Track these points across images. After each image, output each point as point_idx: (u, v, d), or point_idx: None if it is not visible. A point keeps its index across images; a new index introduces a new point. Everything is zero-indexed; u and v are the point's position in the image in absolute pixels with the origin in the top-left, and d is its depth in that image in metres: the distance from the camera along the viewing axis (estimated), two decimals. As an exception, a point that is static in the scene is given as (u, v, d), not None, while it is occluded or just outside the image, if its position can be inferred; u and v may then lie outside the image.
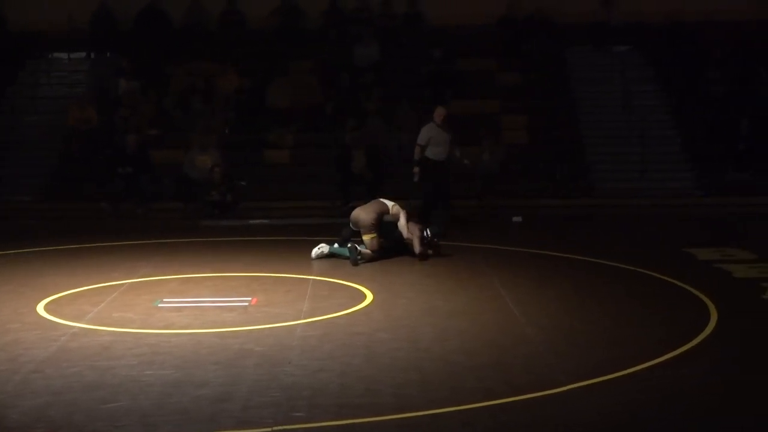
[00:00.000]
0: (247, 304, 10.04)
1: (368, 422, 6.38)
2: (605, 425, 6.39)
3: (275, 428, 6.28)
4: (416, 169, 15.29)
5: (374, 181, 18.21)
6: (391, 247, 12.85)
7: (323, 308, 9.73)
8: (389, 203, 13.02)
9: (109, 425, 6.37)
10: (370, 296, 10.32)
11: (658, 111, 21.19)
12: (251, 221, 16.91)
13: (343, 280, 11.25)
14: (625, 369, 7.48)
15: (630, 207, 18.07)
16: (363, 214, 12.79)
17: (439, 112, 15.27)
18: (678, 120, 20.59)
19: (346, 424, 6.34)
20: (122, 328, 8.96)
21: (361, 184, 18.12)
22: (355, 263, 12.29)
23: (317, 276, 11.52)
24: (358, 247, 12.52)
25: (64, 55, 22.71)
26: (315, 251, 12.78)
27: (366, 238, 12.65)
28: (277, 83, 20.94)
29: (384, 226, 12.77)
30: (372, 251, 12.59)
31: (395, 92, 21.12)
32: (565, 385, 7.09)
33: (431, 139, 15.18)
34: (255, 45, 22.23)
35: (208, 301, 10.20)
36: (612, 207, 18.32)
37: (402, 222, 12.83)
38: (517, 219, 16.57)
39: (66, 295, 10.48)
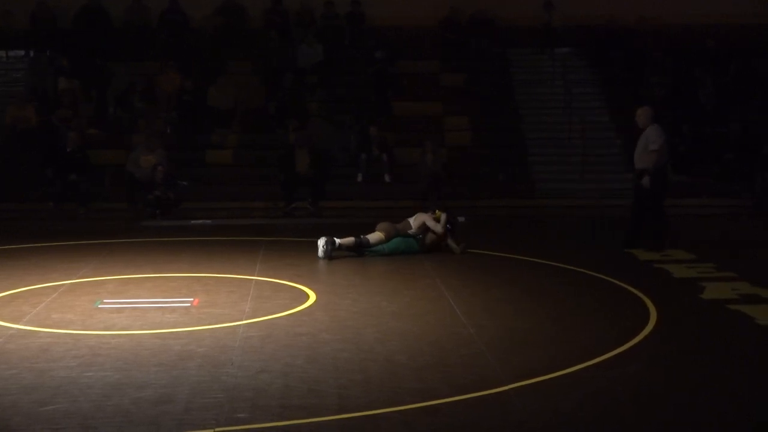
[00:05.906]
0: (188, 304, 9.97)
1: (310, 423, 6.37)
2: (545, 424, 6.44)
3: (217, 429, 6.24)
4: (646, 179, 13.11)
5: (318, 181, 18.19)
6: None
7: (266, 309, 9.70)
8: (412, 219, 13.31)
9: (48, 428, 6.29)
10: (313, 297, 10.29)
11: (599, 112, 21.42)
12: (193, 222, 16.81)
13: (286, 280, 11.21)
14: (566, 368, 7.54)
15: (571, 207, 18.25)
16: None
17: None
18: (618, 122, 20.83)
19: (289, 425, 6.33)
20: (61, 329, 8.85)
21: (305, 185, 18.10)
22: (329, 257, 12.50)
23: (260, 276, 11.47)
24: (337, 241, 12.66)
25: (2, 53, 22.45)
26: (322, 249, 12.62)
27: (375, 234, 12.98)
28: (218, 83, 20.84)
29: (404, 242, 13.04)
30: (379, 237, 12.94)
31: (338, 93, 21.13)
32: (505, 384, 7.13)
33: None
34: (197, 44, 22.10)
35: (149, 302, 10.11)
36: (553, 207, 18.51)
37: (429, 224, 13.19)
38: (460, 219, 16.61)
39: (4, 296, 10.33)
